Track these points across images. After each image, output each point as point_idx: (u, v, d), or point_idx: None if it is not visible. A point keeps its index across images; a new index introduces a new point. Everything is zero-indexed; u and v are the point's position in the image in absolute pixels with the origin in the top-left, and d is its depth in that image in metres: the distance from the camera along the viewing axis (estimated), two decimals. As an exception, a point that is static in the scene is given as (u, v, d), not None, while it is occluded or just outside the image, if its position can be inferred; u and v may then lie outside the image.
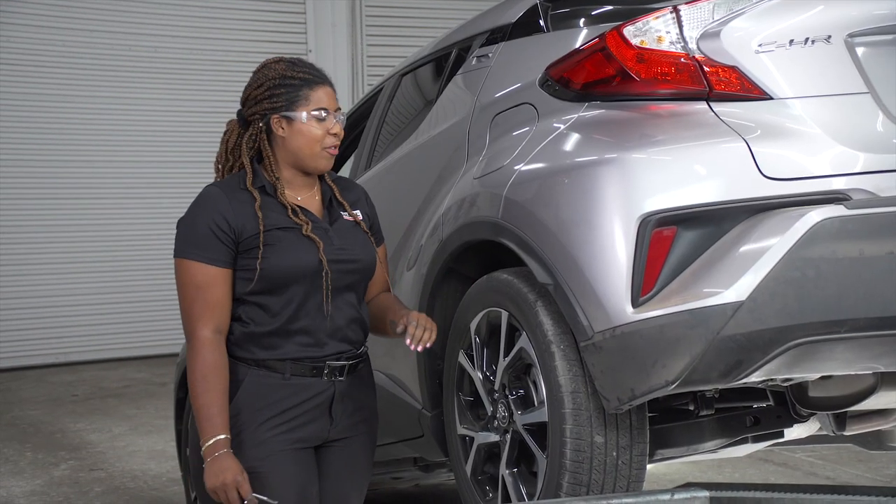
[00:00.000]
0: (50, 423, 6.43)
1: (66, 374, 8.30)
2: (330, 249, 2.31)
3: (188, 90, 9.15)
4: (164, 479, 5.12)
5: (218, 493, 2.20)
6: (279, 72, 2.34)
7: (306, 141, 2.31)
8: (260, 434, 2.29)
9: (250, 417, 2.29)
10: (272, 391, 2.30)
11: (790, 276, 2.02)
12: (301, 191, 2.37)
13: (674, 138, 2.23)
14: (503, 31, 2.87)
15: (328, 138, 2.32)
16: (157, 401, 7.07)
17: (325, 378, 2.32)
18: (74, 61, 8.79)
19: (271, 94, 2.32)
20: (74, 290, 8.88)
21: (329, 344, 2.32)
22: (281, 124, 2.32)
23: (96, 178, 8.93)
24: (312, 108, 2.30)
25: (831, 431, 2.62)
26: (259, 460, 2.28)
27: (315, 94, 2.32)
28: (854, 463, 4.70)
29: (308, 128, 2.31)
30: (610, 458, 2.26)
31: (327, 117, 2.31)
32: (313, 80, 2.33)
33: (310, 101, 2.30)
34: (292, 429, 2.31)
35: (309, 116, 2.30)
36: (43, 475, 5.16)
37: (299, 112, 2.30)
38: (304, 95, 2.31)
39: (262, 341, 2.30)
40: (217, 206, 2.28)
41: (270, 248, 2.26)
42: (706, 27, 2.26)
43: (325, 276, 2.28)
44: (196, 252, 2.27)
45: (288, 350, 2.30)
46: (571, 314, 2.22)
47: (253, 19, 9.37)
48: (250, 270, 2.27)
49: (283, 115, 2.30)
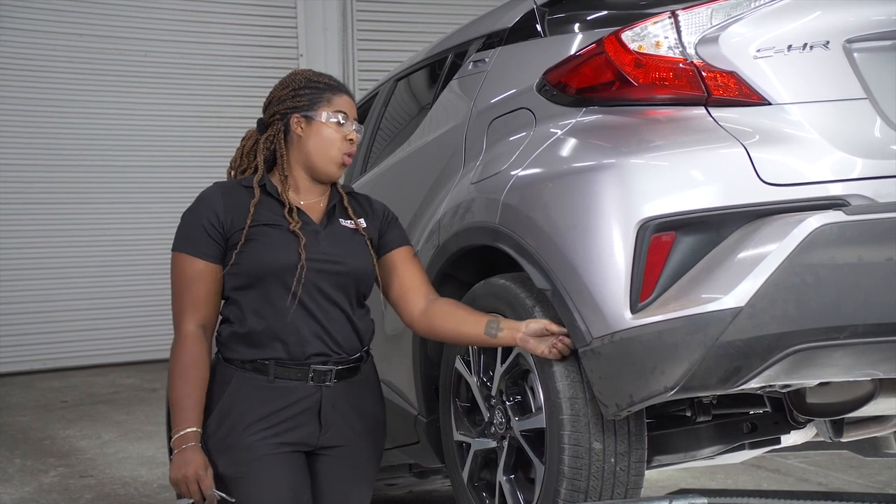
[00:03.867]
0: (39, 430, 6.38)
1: (55, 380, 8.25)
2: (314, 249, 2.32)
3: (179, 95, 9.12)
4: (156, 485, 5.08)
5: (179, 485, 2.23)
6: (305, 76, 2.42)
7: (322, 143, 2.35)
8: (246, 437, 2.28)
9: (237, 420, 2.29)
10: (258, 393, 2.30)
11: (789, 282, 2.01)
12: (307, 196, 2.39)
13: (672, 143, 2.22)
14: (500, 36, 2.86)
15: (344, 144, 2.36)
16: (147, 407, 7.04)
17: (310, 382, 2.31)
18: (62, 66, 8.75)
19: (295, 94, 2.38)
20: (62, 295, 8.83)
21: (311, 346, 2.31)
22: (300, 124, 2.37)
23: (84, 182, 8.89)
24: (333, 110, 2.35)
25: (828, 438, 2.61)
26: (246, 464, 2.27)
27: (337, 98, 2.39)
28: (846, 469, 4.70)
29: (326, 129, 2.36)
30: (608, 465, 2.25)
31: (346, 123, 2.37)
32: (337, 87, 2.41)
33: (331, 104, 2.37)
34: (278, 433, 2.30)
35: (329, 117, 2.35)
36: (32, 482, 5.12)
37: (320, 112, 2.35)
38: (327, 98, 2.38)
39: (246, 340, 2.31)
40: (211, 202, 2.34)
41: (253, 243, 2.29)
42: (704, 32, 2.26)
43: (299, 269, 2.28)
44: (186, 245, 2.32)
45: (270, 351, 2.30)
46: (569, 320, 2.21)
47: (244, 24, 9.36)
48: (234, 265, 2.29)
49: (303, 115, 2.36)
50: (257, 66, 9.29)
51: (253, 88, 9.18)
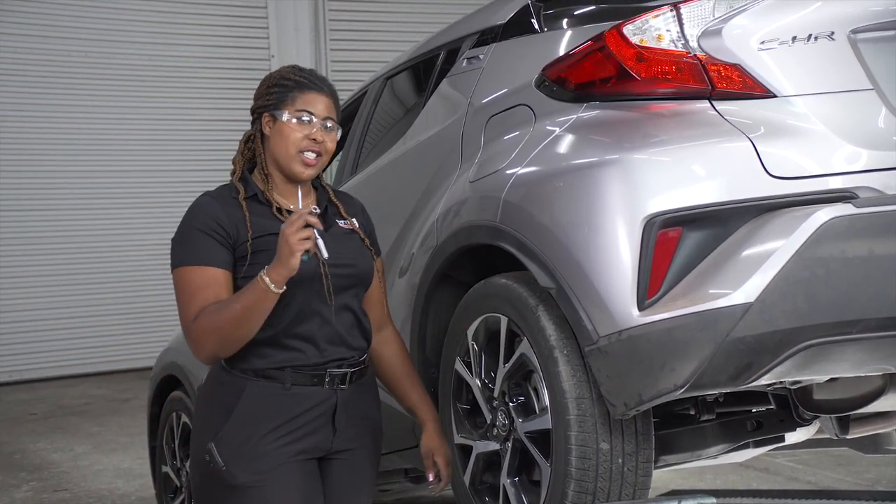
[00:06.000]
0: (8, 444, 6.25)
1: (22, 393, 8.10)
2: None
3: (148, 97, 9.00)
4: (133, 497, 4.98)
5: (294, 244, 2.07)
6: (282, 73, 2.35)
7: (283, 142, 2.28)
8: (262, 446, 2.22)
9: (252, 429, 2.23)
10: (273, 401, 2.24)
11: (799, 276, 1.99)
12: (293, 199, 2.33)
13: (676, 138, 2.19)
14: (494, 32, 2.83)
15: (305, 142, 2.27)
16: (120, 417, 6.91)
17: (326, 387, 2.27)
18: (27, 69, 8.60)
19: (267, 92, 2.33)
20: (29, 304, 8.66)
21: (328, 350, 2.27)
22: (269, 123, 2.31)
23: (51, 188, 8.74)
24: (296, 109, 2.27)
25: (834, 435, 2.60)
26: (262, 473, 2.22)
27: (304, 97, 2.29)
28: (834, 467, 4.71)
29: (287, 128, 2.28)
30: (616, 465, 2.22)
31: (310, 122, 2.28)
32: (307, 84, 2.31)
33: (296, 103, 2.28)
34: (295, 440, 2.25)
35: (291, 116, 2.27)
36: (4, 497, 5.00)
37: (283, 111, 2.28)
38: (293, 97, 2.29)
39: (260, 350, 2.24)
40: (209, 211, 2.25)
41: (265, 254, 2.20)
42: (707, 25, 2.23)
43: (324, 278, 2.23)
44: (192, 257, 2.22)
45: (287, 358, 2.24)
46: (575, 318, 2.17)
47: (214, 24, 9.27)
48: (246, 278, 2.20)
49: (271, 114, 2.30)
50: (229, 68, 9.21)
51: (224, 90, 9.11)
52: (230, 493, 2.22)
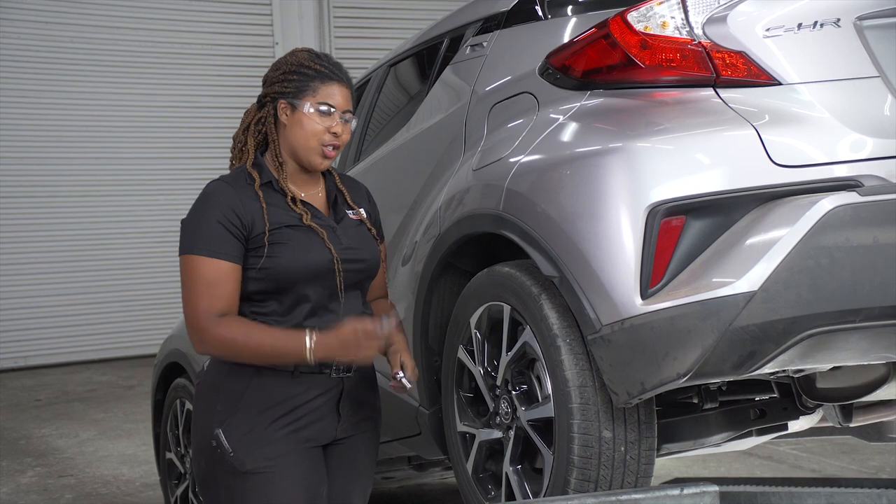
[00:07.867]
0: (13, 430, 6.27)
1: (27, 379, 8.12)
2: (338, 248, 2.26)
3: (152, 84, 8.99)
4: (138, 483, 5.00)
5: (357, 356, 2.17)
6: (299, 59, 2.31)
7: (304, 133, 2.26)
8: (269, 434, 2.23)
9: (259, 417, 2.23)
10: (280, 389, 2.24)
11: (803, 264, 1.98)
12: (304, 187, 2.33)
13: (681, 126, 2.18)
14: (497, 20, 2.81)
15: (326, 136, 2.26)
16: (124, 404, 6.93)
17: (332, 374, 2.27)
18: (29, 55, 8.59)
19: (284, 78, 2.29)
20: (34, 291, 8.67)
21: None
22: (286, 111, 2.28)
23: (55, 175, 8.74)
24: (318, 101, 2.25)
25: (837, 423, 2.59)
26: (269, 460, 2.22)
27: (326, 88, 2.27)
28: (837, 455, 4.71)
29: (308, 120, 2.26)
30: (618, 454, 2.22)
31: (331, 115, 2.26)
32: (328, 74, 2.28)
33: (317, 94, 2.26)
34: (301, 427, 2.25)
35: (312, 108, 2.25)
36: (9, 483, 5.02)
37: (304, 102, 2.25)
38: (314, 87, 2.26)
39: None
40: (225, 199, 2.21)
41: (281, 247, 2.20)
42: (712, 12, 2.22)
43: (338, 274, 2.23)
44: (205, 247, 2.18)
45: None
46: (578, 307, 2.16)
47: (218, 10, 9.25)
48: (260, 269, 2.20)
49: (289, 102, 2.27)
50: (232, 55, 9.20)
51: (228, 77, 9.10)
52: (236, 479, 2.22)
